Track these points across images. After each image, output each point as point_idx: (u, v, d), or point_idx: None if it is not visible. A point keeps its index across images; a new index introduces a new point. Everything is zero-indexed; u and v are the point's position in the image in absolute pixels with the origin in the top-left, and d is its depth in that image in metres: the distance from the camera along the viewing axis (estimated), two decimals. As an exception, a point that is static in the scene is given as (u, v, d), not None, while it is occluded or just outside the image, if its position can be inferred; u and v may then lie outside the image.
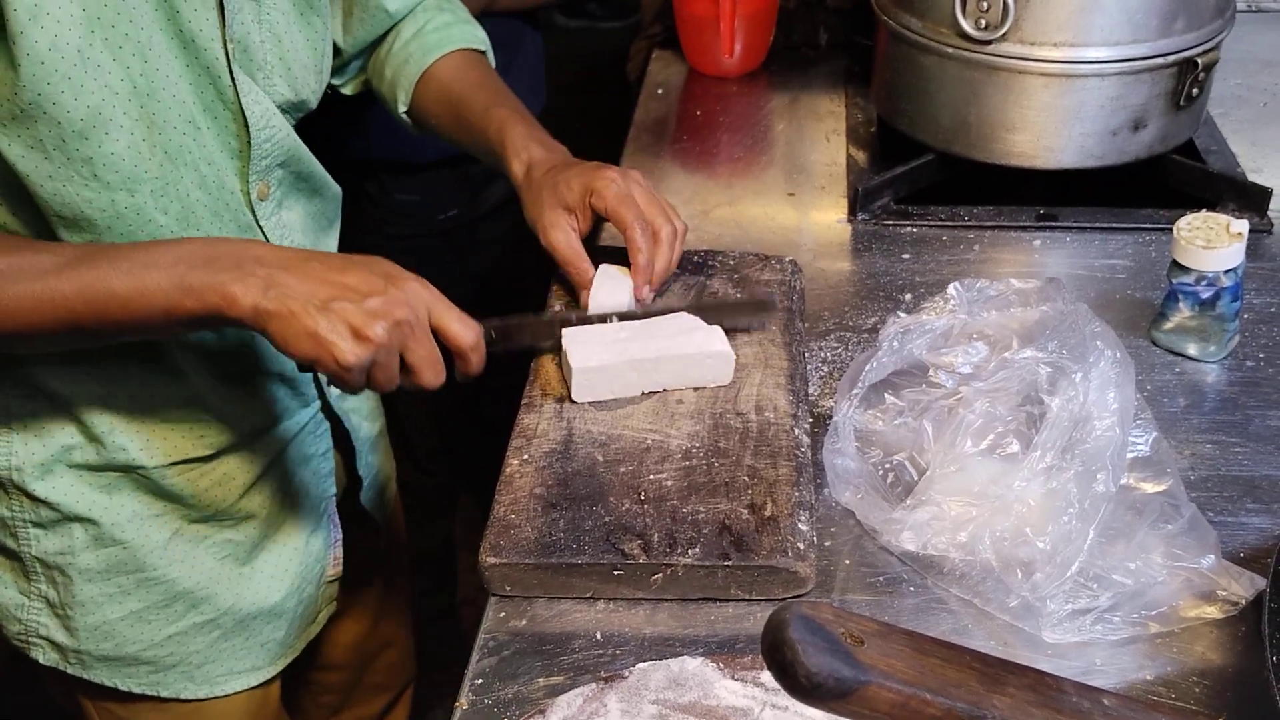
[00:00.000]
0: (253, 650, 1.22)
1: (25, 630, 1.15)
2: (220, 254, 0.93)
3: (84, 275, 0.91)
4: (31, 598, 1.14)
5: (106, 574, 1.12)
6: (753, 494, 1.00)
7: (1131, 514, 0.97)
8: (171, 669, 1.18)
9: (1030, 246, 1.43)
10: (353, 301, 0.91)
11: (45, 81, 0.89)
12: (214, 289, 0.90)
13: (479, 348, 1.00)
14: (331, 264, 0.94)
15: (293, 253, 0.95)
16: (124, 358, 1.06)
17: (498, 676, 0.91)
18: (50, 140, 0.92)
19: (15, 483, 1.09)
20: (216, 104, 1.01)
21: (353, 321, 0.90)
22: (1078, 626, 0.92)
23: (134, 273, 0.91)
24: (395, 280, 0.94)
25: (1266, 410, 1.15)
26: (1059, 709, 0.64)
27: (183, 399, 1.09)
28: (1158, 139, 1.46)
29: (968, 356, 1.10)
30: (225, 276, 0.91)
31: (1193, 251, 1.16)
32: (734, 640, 0.93)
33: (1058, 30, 1.37)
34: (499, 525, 0.98)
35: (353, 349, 0.90)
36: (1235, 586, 0.94)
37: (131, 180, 0.96)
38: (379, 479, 1.37)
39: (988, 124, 1.45)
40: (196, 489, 1.13)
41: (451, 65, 1.28)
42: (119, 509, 1.11)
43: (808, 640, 0.58)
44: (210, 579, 1.17)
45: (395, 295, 0.93)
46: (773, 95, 1.81)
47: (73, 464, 1.09)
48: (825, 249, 1.44)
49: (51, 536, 1.11)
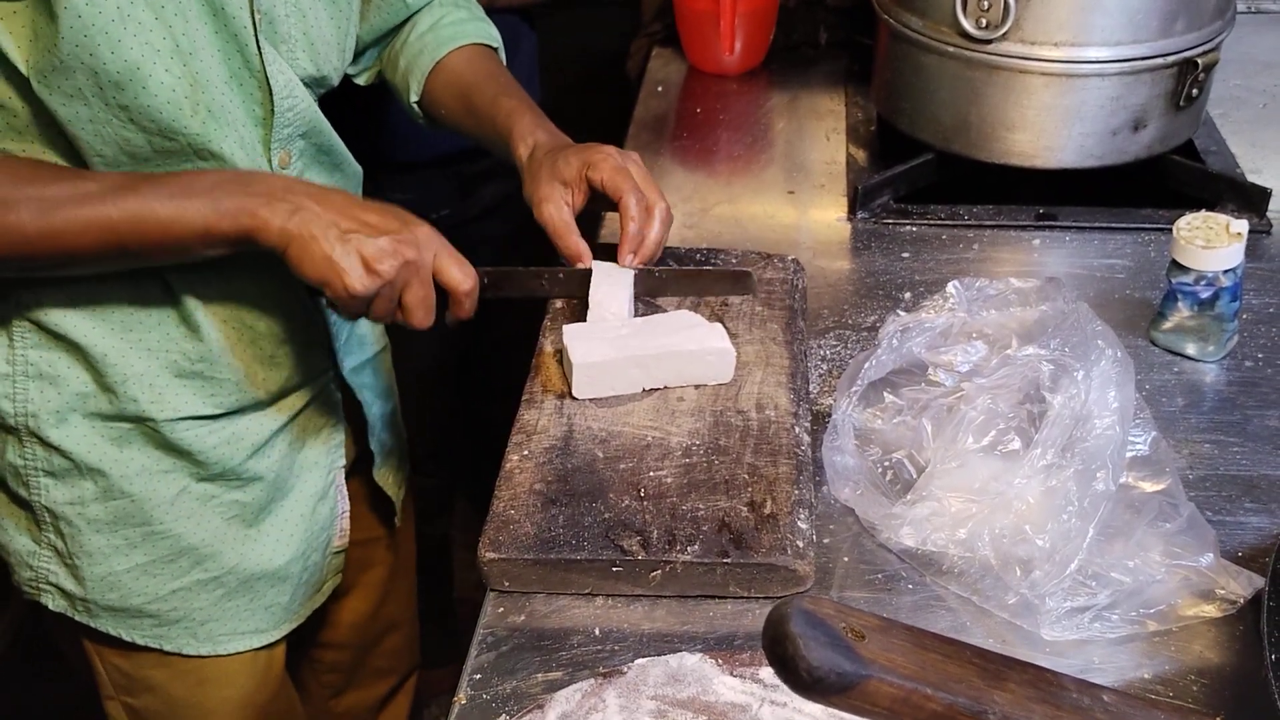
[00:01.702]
0: (256, 612, 1.24)
1: (36, 577, 1.17)
2: (254, 181, 1.01)
3: (127, 200, 0.98)
4: (42, 545, 1.16)
5: (114, 526, 1.14)
6: (752, 491, 1.01)
7: (1130, 513, 0.98)
8: (175, 624, 1.20)
9: (1030, 246, 1.43)
10: (369, 236, 0.99)
11: (82, 34, 0.93)
12: (246, 212, 0.98)
13: (474, 294, 1.07)
14: (354, 200, 1.03)
15: (319, 186, 1.03)
16: (143, 309, 1.09)
17: (496, 672, 0.91)
18: (89, 89, 0.96)
19: (31, 429, 1.11)
20: (243, 71, 1.05)
21: (366, 253, 0.99)
22: (1076, 624, 0.92)
23: (175, 197, 0.98)
24: (410, 223, 1.03)
25: (1265, 410, 1.15)
26: (1059, 705, 0.64)
27: (198, 355, 1.12)
28: (1157, 139, 1.46)
29: (967, 355, 1.10)
30: (257, 202, 0.99)
31: (1192, 251, 1.16)
32: (732, 637, 0.93)
33: (1058, 30, 1.38)
34: (498, 521, 0.98)
35: (361, 279, 0.98)
36: (1233, 585, 0.94)
37: (170, 130, 1.01)
38: (392, 457, 1.39)
39: (988, 123, 1.45)
40: (205, 445, 1.15)
41: (464, 57, 1.31)
42: (129, 462, 1.13)
43: (809, 635, 0.58)
44: (216, 537, 1.18)
45: (407, 236, 1.01)
46: (773, 93, 1.81)
47: (87, 413, 1.11)
48: (825, 247, 1.44)
49: (62, 487, 1.13)
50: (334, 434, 1.27)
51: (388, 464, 1.38)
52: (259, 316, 1.15)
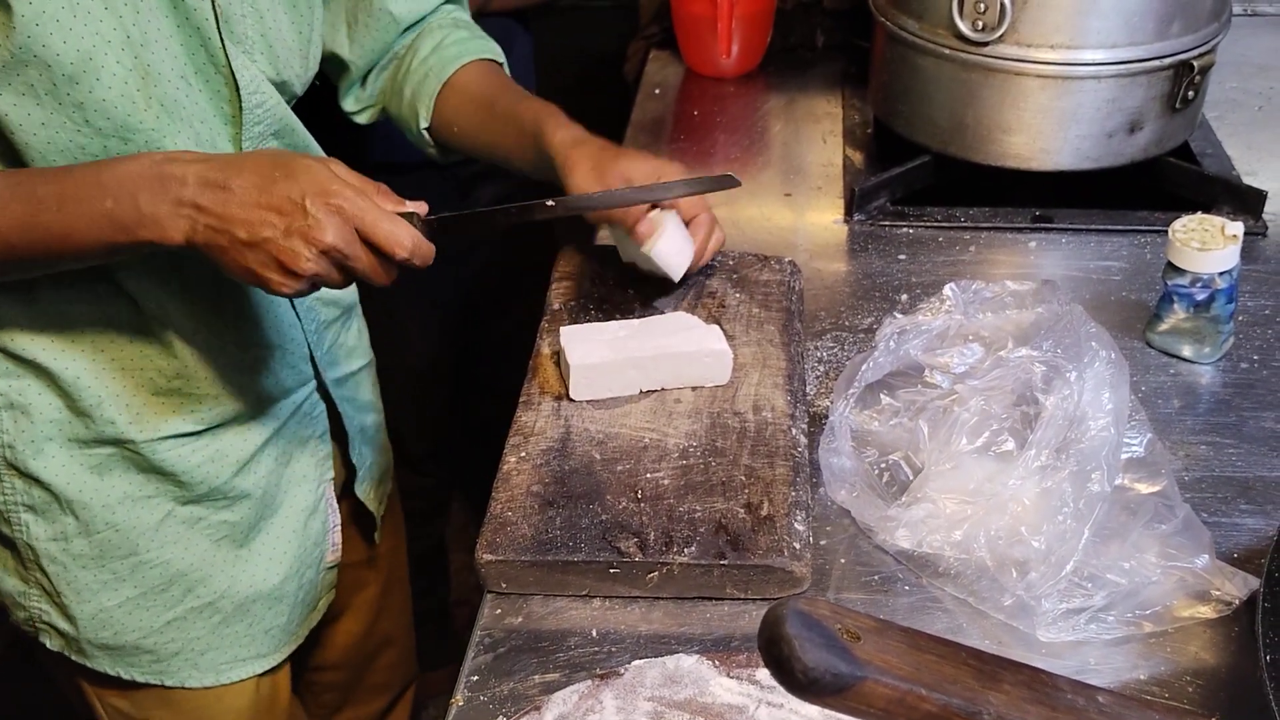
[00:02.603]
0: (256, 637, 1.22)
1: (30, 617, 1.15)
2: (143, 181, 0.92)
3: (14, 208, 0.93)
4: (30, 584, 1.14)
5: (100, 560, 1.12)
6: (749, 493, 1.01)
7: (1126, 514, 0.98)
8: (174, 656, 1.18)
9: (1026, 248, 1.44)
10: (278, 232, 0.91)
11: (34, 23, 0.90)
12: (143, 225, 0.92)
13: (417, 250, 0.96)
14: (258, 183, 0.92)
15: (214, 167, 0.93)
16: (112, 327, 1.06)
17: (493, 673, 0.91)
18: (41, 85, 0.93)
19: (9, 461, 1.08)
20: (208, 66, 1.02)
21: (280, 258, 0.91)
22: (1072, 626, 0.92)
23: (65, 207, 0.93)
24: (318, 198, 0.92)
25: (1260, 411, 1.15)
26: (1054, 706, 0.64)
27: (173, 371, 1.09)
28: (1153, 141, 1.46)
29: (963, 358, 1.10)
30: (153, 210, 0.92)
31: (1188, 254, 1.17)
32: (729, 638, 0.94)
33: (1054, 32, 1.38)
34: (495, 522, 0.98)
35: (285, 280, 0.93)
36: (1229, 586, 0.94)
37: (125, 129, 0.97)
38: (374, 471, 1.36)
39: (984, 125, 1.46)
40: (188, 465, 1.12)
41: (474, 72, 1.27)
42: (109, 490, 1.10)
43: (804, 636, 0.58)
44: (205, 561, 1.16)
45: (317, 221, 0.91)
46: (770, 96, 1.81)
47: (64, 441, 1.08)
48: (822, 249, 1.44)
49: (43, 523, 1.10)
50: (320, 446, 1.25)
51: (369, 479, 1.35)
52: (229, 324, 1.12)
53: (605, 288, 1.26)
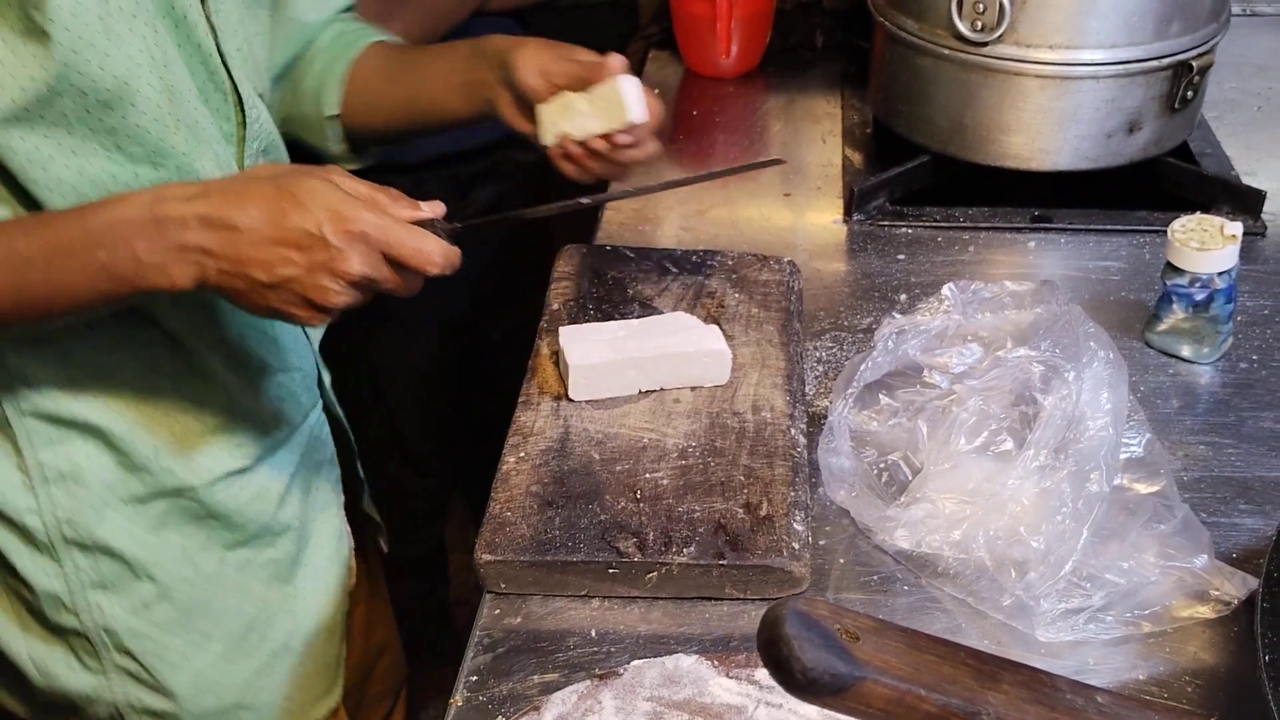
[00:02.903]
0: (322, 672, 1.17)
1: (115, 711, 1.07)
2: (137, 227, 0.85)
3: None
4: (108, 675, 1.06)
5: (185, 620, 1.06)
6: (748, 493, 1.01)
7: (1125, 514, 0.98)
8: (270, 708, 1.13)
9: (1025, 248, 1.44)
10: (300, 269, 0.85)
11: (72, 49, 0.86)
12: (145, 276, 0.86)
13: (447, 261, 0.91)
14: (263, 214, 0.85)
15: (214, 204, 0.85)
16: (155, 371, 1.01)
17: (492, 674, 0.91)
18: (74, 114, 0.88)
19: (69, 539, 1.00)
20: (209, 84, 0.99)
21: (308, 295, 0.87)
22: (1071, 626, 0.92)
23: (53, 264, 0.86)
24: (337, 226, 0.86)
25: (1259, 412, 1.15)
26: (1053, 706, 0.64)
27: (218, 405, 1.05)
28: (1152, 142, 1.46)
29: (962, 358, 1.10)
30: (155, 259, 0.85)
31: (1187, 254, 1.17)
32: (729, 638, 0.94)
33: (1054, 32, 1.38)
34: (495, 523, 0.98)
35: (313, 315, 0.88)
36: (1228, 587, 0.94)
37: (156, 154, 0.93)
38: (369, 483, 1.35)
39: (983, 126, 1.46)
40: (239, 503, 1.07)
41: (383, 47, 1.20)
42: (169, 546, 1.05)
43: (803, 636, 0.58)
44: (265, 603, 1.12)
45: (341, 252, 0.86)
46: (769, 96, 1.81)
47: (122, 502, 1.02)
48: (821, 249, 1.44)
49: (118, 597, 1.03)
50: (331, 470, 1.21)
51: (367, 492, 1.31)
52: (254, 348, 1.07)
53: (605, 288, 1.26)
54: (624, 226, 1.47)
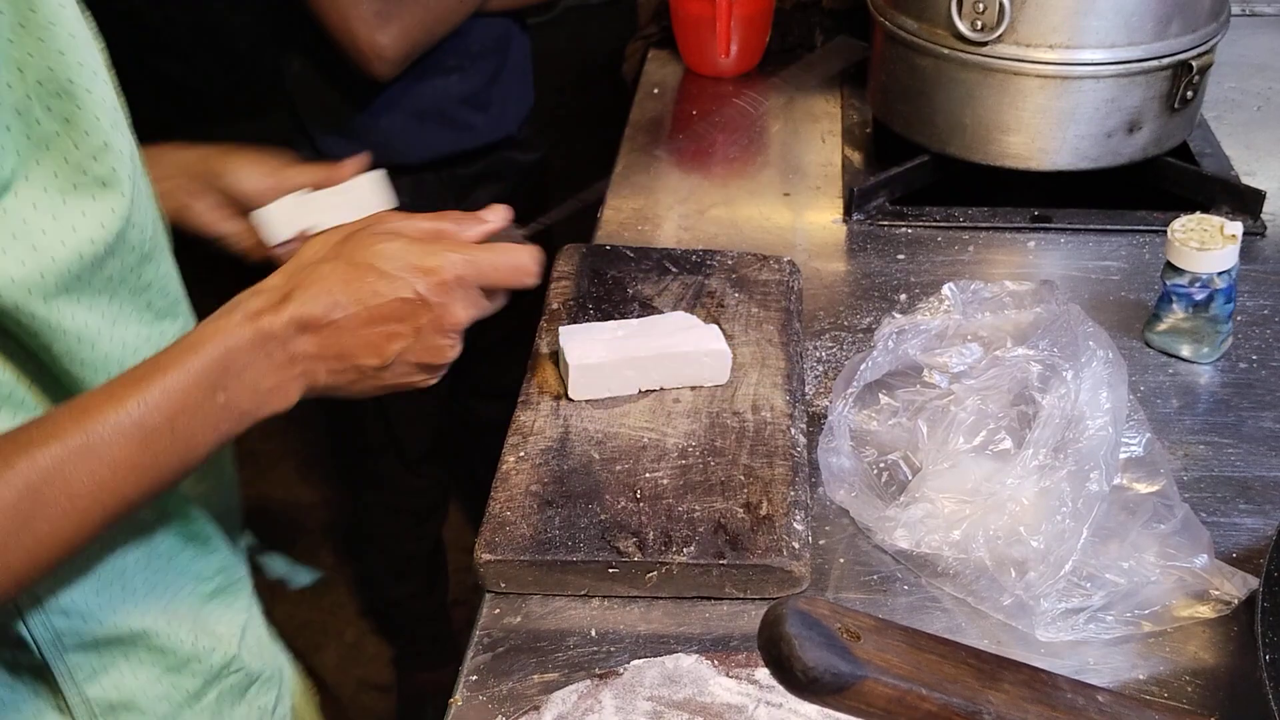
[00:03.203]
0: None
1: None
2: (243, 353, 0.77)
3: (119, 456, 0.72)
4: None
5: None
6: (748, 493, 1.01)
7: (1125, 514, 0.98)
8: None
9: (1025, 248, 1.44)
10: (409, 340, 0.82)
11: (132, 200, 0.77)
12: (265, 404, 0.78)
13: (540, 267, 0.88)
14: (353, 297, 0.79)
15: (298, 303, 0.78)
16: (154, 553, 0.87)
17: (492, 673, 0.91)
18: (119, 275, 0.78)
19: None
20: None
21: (423, 360, 0.84)
22: (1071, 625, 0.92)
23: (177, 425, 0.75)
24: (428, 280, 0.82)
25: (1259, 411, 1.15)
26: (1054, 705, 0.64)
27: (211, 562, 0.93)
28: (1152, 141, 1.46)
29: (961, 358, 1.10)
30: (270, 383, 0.78)
31: (1186, 253, 1.17)
32: (728, 638, 0.94)
33: (1053, 32, 1.38)
34: (494, 522, 0.98)
35: (430, 376, 0.85)
36: (1228, 586, 0.94)
37: (176, 303, 0.85)
38: None
39: (983, 125, 1.46)
40: (255, 652, 0.98)
41: None
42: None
43: (804, 635, 0.58)
44: None
45: (443, 306, 0.82)
46: (769, 96, 1.81)
47: (180, 709, 0.90)
48: (820, 249, 1.44)
49: None
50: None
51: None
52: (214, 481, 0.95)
53: (604, 287, 1.26)
54: (624, 226, 1.47)
